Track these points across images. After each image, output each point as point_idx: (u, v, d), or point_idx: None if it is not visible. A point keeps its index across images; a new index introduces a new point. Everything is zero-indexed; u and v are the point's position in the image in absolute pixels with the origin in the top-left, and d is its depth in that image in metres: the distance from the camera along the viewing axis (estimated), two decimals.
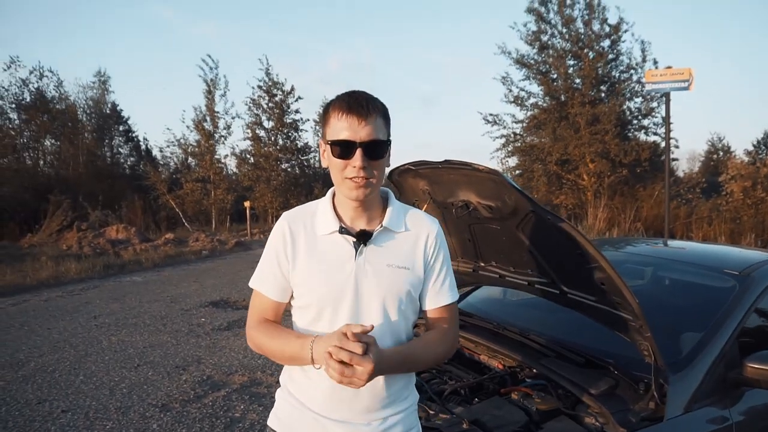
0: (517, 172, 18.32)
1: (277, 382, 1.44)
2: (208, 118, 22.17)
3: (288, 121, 24.81)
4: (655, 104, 15.96)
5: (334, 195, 1.34)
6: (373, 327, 1.13)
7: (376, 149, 1.22)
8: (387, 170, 1.35)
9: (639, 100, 16.42)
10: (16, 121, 20.41)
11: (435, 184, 2.30)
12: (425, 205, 2.44)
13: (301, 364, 1.26)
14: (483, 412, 1.86)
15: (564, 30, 16.56)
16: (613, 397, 1.86)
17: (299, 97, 24.85)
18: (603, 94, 16.63)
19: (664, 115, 9.92)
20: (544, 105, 17.09)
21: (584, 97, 15.93)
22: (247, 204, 18.52)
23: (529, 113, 17.47)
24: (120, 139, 25.74)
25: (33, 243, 13.78)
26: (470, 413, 1.86)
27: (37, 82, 20.64)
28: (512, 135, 17.88)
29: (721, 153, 32.60)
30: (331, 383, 1.14)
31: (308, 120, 25.79)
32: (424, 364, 1.36)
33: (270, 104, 24.35)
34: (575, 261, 1.88)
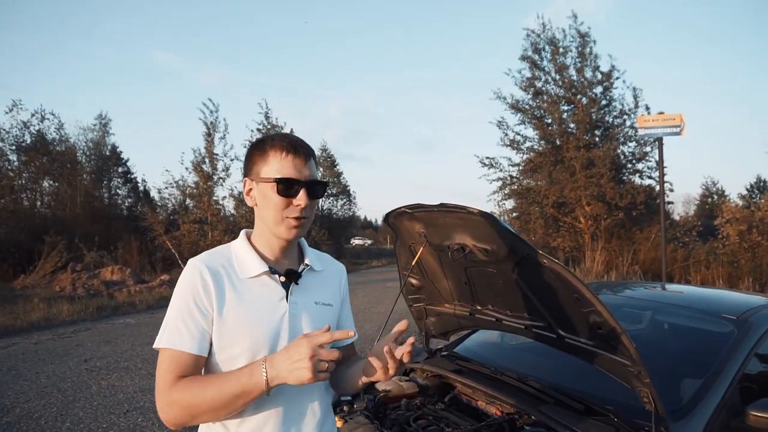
0: (514, 214, 18.40)
1: None
2: (207, 160, 22.37)
3: None
4: (648, 149, 16.21)
5: (248, 237, 1.33)
6: (355, 333, 1.20)
7: (318, 189, 1.26)
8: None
9: (633, 144, 16.67)
10: (15, 163, 20.56)
11: (431, 227, 2.31)
12: (421, 248, 2.44)
13: (249, 399, 1.12)
14: None
15: (557, 77, 16.97)
16: None
17: None
18: (597, 139, 16.90)
19: (657, 159, 10.09)
20: (540, 149, 17.32)
21: (579, 141, 16.17)
22: None
23: (525, 156, 17.69)
24: (119, 180, 25.90)
25: (26, 284, 13.64)
26: None
27: (39, 124, 20.94)
28: (509, 178, 18.04)
29: (716, 197, 32.93)
30: (276, 423, 1.20)
31: None
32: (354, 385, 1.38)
33: None
34: (572, 305, 1.87)
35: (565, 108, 17.04)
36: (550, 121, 17.19)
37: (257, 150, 1.26)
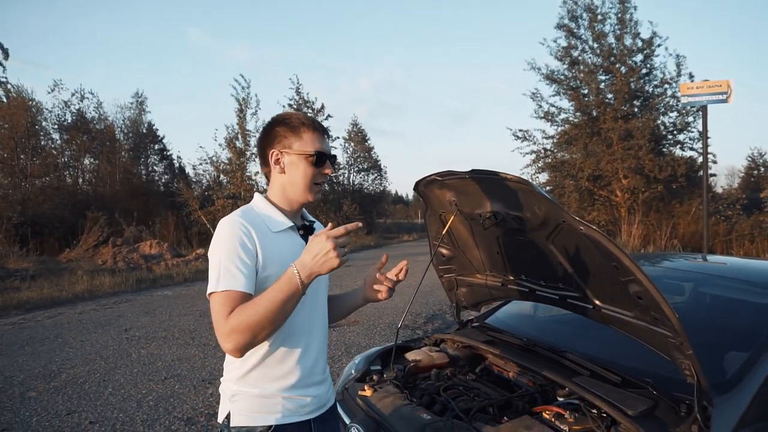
0: (548, 188, 18.02)
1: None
2: (239, 136, 22.60)
3: None
4: (690, 119, 15.56)
5: (267, 198, 1.53)
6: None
7: (334, 161, 1.54)
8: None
9: (674, 114, 16.03)
10: (58, 141, 21.22)
11: (462, 195, 2.25)
12: (452, 217, 2.39)
13: (293, 303, 1.28)
14: None
15: (595, 45, 16.36)
16: (652, 419, 1.75)
17: (329, 116, 25.20)
18: (636, 109, 16.29)
19: (700, 129, 9.64)
20: (575, 120, 16.83)
21: (616, 112, 15.62)
22: None
23: (559, 129, 17.24)
24: (155, 157, 26.45)
25: (71, 258, 14.18)
26: None
27: (79, 103, 21.51)
28: (542, 151, 17.65)
29: (762, 169, 31.48)
30: (298, 356, 1.44)
31: (338, 138, 26.05)
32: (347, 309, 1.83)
33: None
34: (609, 274, 1.79)
35: (603, 78, 16.45)
36: (586, 91, 16.64)
37: (285, 126, 1.48)
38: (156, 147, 26.36)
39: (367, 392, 2.19)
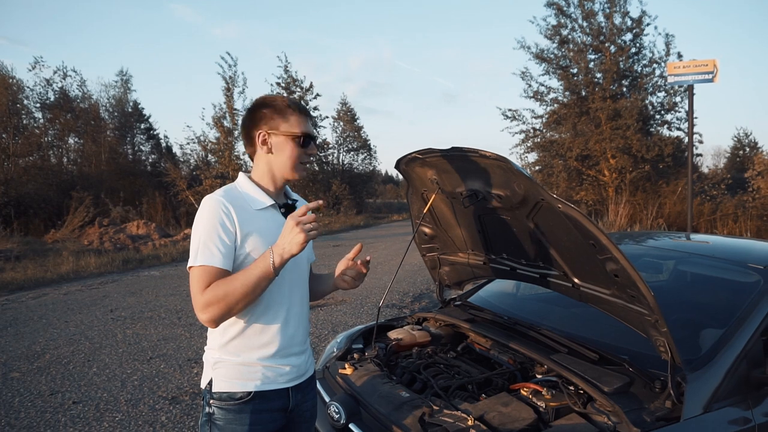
0: (537, 167, 18.06)
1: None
2: (227, 115, 22.31)
3: None
4: (678, 99, 15.57)
5: (249, 177, 1.58)
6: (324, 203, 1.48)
7: (316, 141, 1.60)
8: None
9: (662, 94, 16.03)
10: (41, 120, 20.82)
11: (443, 173, 2.23)
12: (433, 195, 2.37)
13: (265, 284, 1.37)
14: (489, 409, 1.78)
15: (584, 24, 16.23)
16: (627, 395, 1.77)
17: (318, 95, 24.89)
18: (624, 89, 16.27)
19: (687, 109, 9.66)
20: (564, 100, 16.79)
21: (605, 91, 15.59)
22: None
23: (548, 108, 17.19)
24: (141, 136, 26.06)
25: (56, 238, 14.02)
26: (476, 410, 1.79)
27: (61, 81, 21.04)
28: (531, 130, 17.61)
29: (748, 149, 31.75)
30: (276, 326, 1.49)
31: (327, 117, 25.84)
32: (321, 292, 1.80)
33: None
34: (587, 252, 1.79)
35: (592, 57, 16.37)
36: (575, 70, 16.57)
37: (271, 108, 1.53)
38: (142, 126, 25.97)
39: (348, 370, 2.19)
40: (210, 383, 1.48)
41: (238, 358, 1.47)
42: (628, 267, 1.61)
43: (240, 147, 22.61)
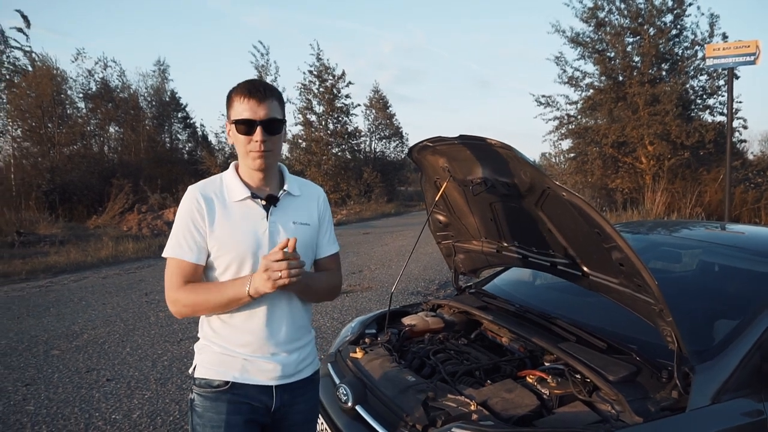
0: (571, 155, 17.66)
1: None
2: None
3: (338, 105, 24.99)
4: (721, 82, 14.92)
5: (236, 168, 1.54)
6: (295, 240, 1.34)
7: (274, 126, 1.45)
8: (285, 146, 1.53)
9: (704, 78, 15.39)
10: (84, 110, 21.55)
11: (454, 161, 2.24)
12: (445, 183, 2.38)
13: (236, 304, 1.41)
14: (493, 395, 1.81)
15: (622, 5, 15.68)
16: (632, 384, 1.76)
17: (350, 82, 24.96)
18: (664, 73, 15.68)
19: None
20: (600, 85, 16.30)
21: (643, 76, 15.06)
22: None
23: (583, 94, 16.73)
24: (178, 125, 26.64)
25: (98, 224, 14.58)
26: (480, 395, 1.81)
27: (102, 72, 21.71)
28: (566, 117, 17.18)
29: None
30: (258, 325, 1.45)
31: (359, 105, 25.86)
32: (324, 290, 1.62)
33: (320, 89, 24.58)
34: (594, 241, 1.78)
35: (630, 40, 15.80)
36: (612, 54, 16.04)
37: (228, 97, 1.47)
38: (179, 115, 26.55)
39: (358, 354, 2.24)
40: (194, 369, 1.51)
41: (219, 348, 1.47)
42: (631, 255, 1.59)
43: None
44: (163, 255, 1.45)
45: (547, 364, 2.06)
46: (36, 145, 19.35)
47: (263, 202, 1.49)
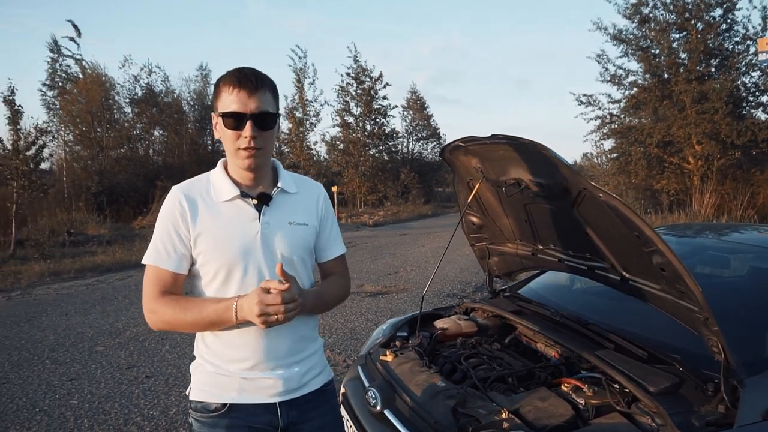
0: (614, 155, 17.21)
1: (338, 358, 1.46)
2: (298, 106, 22.92)
3: (376, 107, 25.07)
4: None
5: (225, 165, 1.39)
6: (281, 265, 1.21)
7: (266, 120, 1.28)
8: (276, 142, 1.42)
9: (756, 74, 14.71)
10: (130, 114, 22.36)
11: (487, 162, 2.19)
12: (477, 184, 2.33)
13: (219, 327, 1.29)
14: (525, 403, 1.74)
15: (668, 0, 15.17)
16: (675, 396, 1.67)
17: (387, 84, 25.03)
18: (713, 69, 15.07)
19: None
20: (644, 83, 15.80)
21: (690, 73, 14.51)
22: (335, 189, 19.01)
23: (626, 92, 16.26)
24: None
25: (143, 225, 15.06)
26: (512, 402, 1.76)
27: (147, 77, 22.47)
28: (608, 116, 16.74)
29: None
30: (254, 338, 1.30)
31: (396, 106, 25.90)
32: (333, 302, 1.51)
33: (358, 91, 24.72)
34: (633, 244, 1.70)
35: (676, 36, 15.28)
36: (657, 51, 15.53)
37: (216, 86, 1.32)
38: None
39: (388, 357, 2.21)
40: (190, 391, 1.38)
41: (213, 367, 1.33)
42: (673, 260, 1.51)
43: (311, 137, 23.19)
44: (143, 261, 1.32)
45: (583, 372, 1.98)
46: (86, 149, 20.21)
47: (255, 202, 1.34)
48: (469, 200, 2.42)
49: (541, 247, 2.39)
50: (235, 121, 1.25)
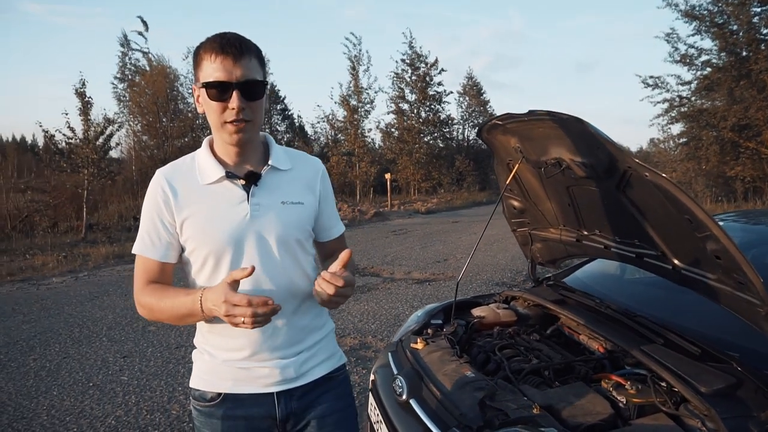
0: (682, 140, 16.22)
1: (380, 345, 1.37)
2: (353, 94, 22.99)
3: (431, 93, 24.79)
4: None
5: (211, 143, 1.28)
6: (254, 268, 1.06)
7: (254, 89, 1.16)
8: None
9: None
10: (193, 105, 23.15)
11: (526, 141, 2.05)
12: (517, 165, 2.19)
13: (196, 321, 1.20)
14: (559, 398, 1.62)
15: None
16: (730, 399, 1.50)
17: (442, 69, 24.68)
18: None
19: None
20: (719, 63, 14.74)
21: None
22: (387, 176, 18.99)
23: (699, 73, 15.23)
24: (278, 117, 27.90)
25: None
26: (545, 397, 1.64)
27: None
28: (677, 99, 15.77)
29: None
30: (249, 331, 1.16)
31: (451, 92, 25.52)
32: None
33: (413, 77, 24.51)
34: (685, 229, 1.53)
35: (757, 9, 14.11)
36: (735, 27, 14.42)
37: (195, 54, 1.20)
38: (278, 107, 27.77)
39: (419, 345, 2.13)
40: (191, 379, 1.33)
41: (209, 355, 1.28)
42: (730, 246, 1.34)
43: (366, 124, 23.18)
44: (132, 251, 1.26)
45: (627, 368, 1.83)
46: (152, 139, 21.14)
47: (242, 182, 1.23)
48: (508, 182, 2.29)
49: (586, 233, 2.23)
50: (219, 91, 1.13)
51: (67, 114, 11.39)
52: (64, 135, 11.52)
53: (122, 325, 4.84)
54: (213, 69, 1.14)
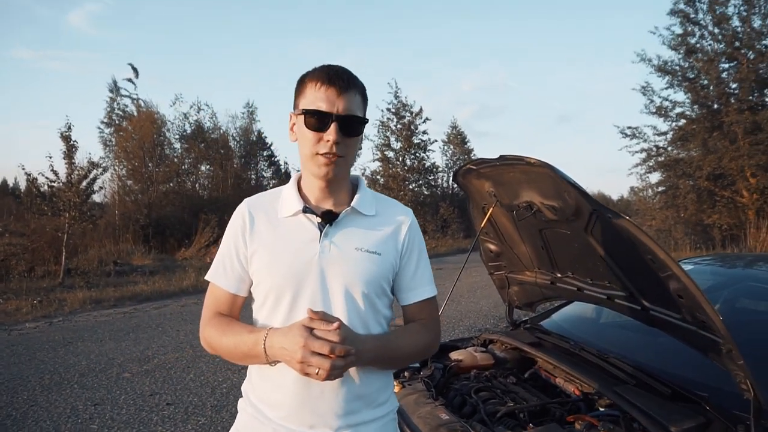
0: (660, 188, 16.63)
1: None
2: None
3: (416, 141, 25.26)
4: None
5: (299, 179, 1.25)
6: (340, 322, 1.02)
7: (353, 125, 1.12)
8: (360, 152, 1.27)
9: None
10: (179, 150, 23.32)
11: (499, 185, 2.12)
12: (491, 208, 2.25)
13: (257, 362, 1.12)
14: None
15: (716, 30, 14.82)
16: None
17: (427, 118, 25.25)
18: (766, 99, 14.50)
19: None
20: (692, 114, 15.34)
21: (742, 103, 14.00)
22: None
23: (673, 124, 15.82)
24: (264, 163, 28.09)
25: (185, 256, 15.46)
26: None
27: (196, 114, 23.50)
28: (654, 149, 16.28)
29: None
30: (293, 382, 1.10)
31: (436, 141, 26.02)
32: (407, 356, 1.21)
33: (398, 126, 25.02)
34: (649, 269, 1.58)
35: (725, 66, 14.85)
36: (705, 82, 15.10)
37: (300, 82, 1.17)
38: (265, 153, 28.00)
39: (396, 388, 2.12)
40: None
41: (252, 408, 1.19)
42: (690, 285, 1.39)
43: (351, 171, 23.40)
44: (206, 277, 1.23)
45: (601, 409, 1.83)
46: (137, 183, 21.09)
47: (318, 220, 1.16)
48: (483, 225, 2.34)
49: (559, 275, 2.27)
50: (318, 120, 1.10)
51: (51, 157, 11.38)
52: (47, 178, 11.48)
53: (95, 372, 4.70)
54: (316, 98, 1.11)
